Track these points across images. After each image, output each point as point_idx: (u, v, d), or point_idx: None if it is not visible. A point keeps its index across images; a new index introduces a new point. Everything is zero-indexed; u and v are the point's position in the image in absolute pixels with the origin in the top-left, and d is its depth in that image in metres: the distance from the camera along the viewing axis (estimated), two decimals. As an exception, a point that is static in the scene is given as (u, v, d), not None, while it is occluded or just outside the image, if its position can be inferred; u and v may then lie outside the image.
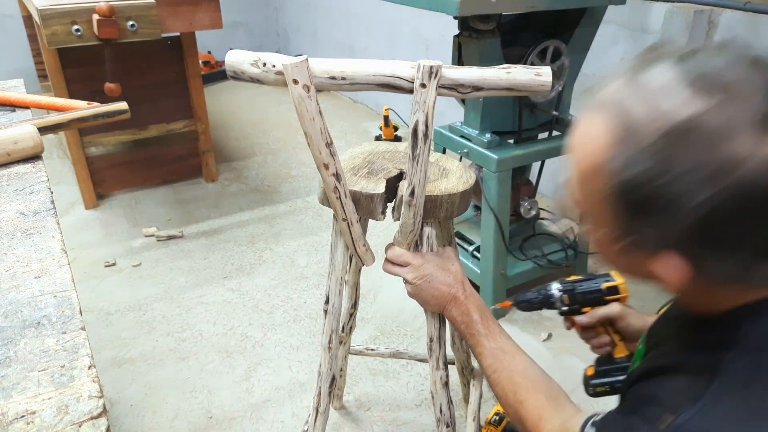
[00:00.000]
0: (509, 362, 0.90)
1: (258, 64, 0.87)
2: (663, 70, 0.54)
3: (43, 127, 1.08)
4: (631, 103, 0.54)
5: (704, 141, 0.50)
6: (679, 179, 0.51)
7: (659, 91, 0.53)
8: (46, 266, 0.74)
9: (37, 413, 0.54)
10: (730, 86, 0.50)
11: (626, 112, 0.54)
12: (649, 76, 0.54)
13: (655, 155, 0.52)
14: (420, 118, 0.87)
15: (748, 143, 0.49)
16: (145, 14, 2.12)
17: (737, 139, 0.49)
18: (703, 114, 0.50)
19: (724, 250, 0.55)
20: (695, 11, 1.98)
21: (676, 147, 0.51)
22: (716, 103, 0.50)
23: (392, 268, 1.03)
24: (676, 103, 0.51)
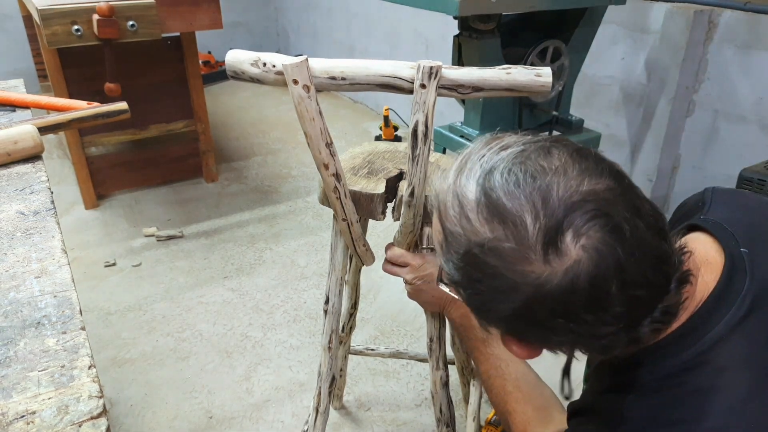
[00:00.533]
0: (504, 370, 0.91)
1: (258, 64, 0.87)
2: (469, 187, 0.59)
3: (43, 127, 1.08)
4: (450, 214, 0.60)
5: (498, 263, 0.56)
6: (487, 288, 0.59)
7: (464, 210, 0.59)
8: (46, 266, 0.74)
9: (37, 413, 0.54)
10: (512, 217, 0.55)
11: (446, 221, 0.61)
12: (461, 191, 0.60)
13: (465, 267, 0.60)
14: (420, 118, 0.87)
15: (538, 264, 0.55)
16: (145, 14, 2.12)
17: (528, 263, 0.55)
18: (491, 241, 0.56)
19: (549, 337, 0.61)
20: (695, 11, 1.99)
21: (478, 264, 0.58)
22: (502, 234, 0.56)
23: (392, 268, 1.03)
24: (473, 227, 0.58)
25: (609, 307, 0.56)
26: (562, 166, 0.56)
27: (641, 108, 2.28)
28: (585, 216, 0.54)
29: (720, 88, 2.05)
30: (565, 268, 0.54)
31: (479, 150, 0.62)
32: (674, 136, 2.20)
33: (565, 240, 0.54)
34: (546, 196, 0.55)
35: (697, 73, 2.09)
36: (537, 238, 0.54)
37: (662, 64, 2.13)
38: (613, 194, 0.55)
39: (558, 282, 0.54)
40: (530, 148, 0.59)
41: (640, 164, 2.32)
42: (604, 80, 2.43)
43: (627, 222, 0.55)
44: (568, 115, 2.05)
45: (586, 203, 0.54)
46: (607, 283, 0.54)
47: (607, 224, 0.54)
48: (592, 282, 0.54)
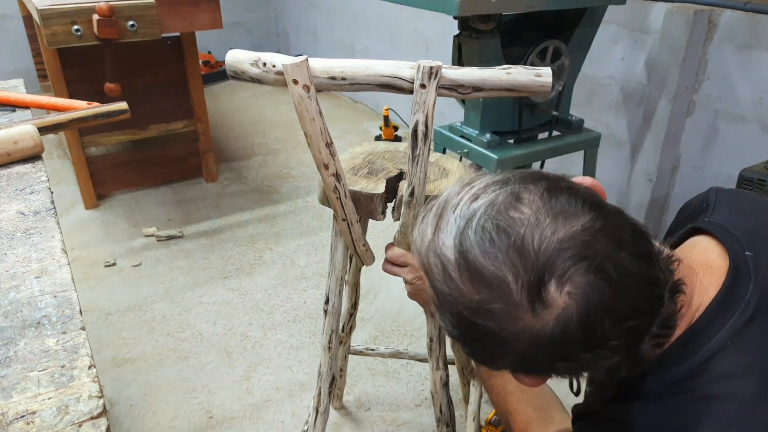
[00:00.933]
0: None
1: (258, 64, 0.87)
2: (448, 244, 0.59)
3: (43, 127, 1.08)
4: (434, 273, 0.60)
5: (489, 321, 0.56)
6: (483, 344, 0.60)
7: (447, 271, 0.58)
8: (46, 266, 0.74)
9: (37, 413, 0.54)
10: (493, 279, 0.55)
11: (433, 280, 0.61)
12: (441, 247, 0.59)
13: (458, 326, 0.60)
14: (420, 118, 0.87)
15: (527, 317, 0.55)
16: (145, 14, 2.12)
17: (518, 317, 0.55)
18: (478, 303, 0.56)
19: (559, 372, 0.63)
20: (695, 11, 1.99)
21: (470, 325, 0.58)
22: (486, 296, 0.56)
23: (392, 268, 1.03)
24: (458, 289, 0.58)
25: (605, 342, 0.56)
26: (534, 214, 0.56)
27: (641, 108, 2.28)
28: (565, 263, 0.54)
29: (720, 88, 2.05)
30: (555, 317, 0.54)
31: (453, 199, 0.61)
32: (674, 136, 2.20)
33: (549, 291, 0.54)
34: (522, 250, 0.54)
35: (697, 73, 2.09)
36: (522, 294, 0.54)
37: (662, 64, 2.13)
38: (589, 233, 0.55)
39: (551, 332, 0.55)
40: (500, 198, 0.58)
41: (640, 164, 2.32)
42: (604, 80, 2.42)
43: (609, 258, 0.55)
44: (568, 115, 2.05)
45: (563, 251, 0.54)
46: (599, 322, 0.55)
47: (589, 267, 0.54)
48: (583, 325, 0.55)
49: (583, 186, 0.61)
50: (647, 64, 2.24)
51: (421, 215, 0.65)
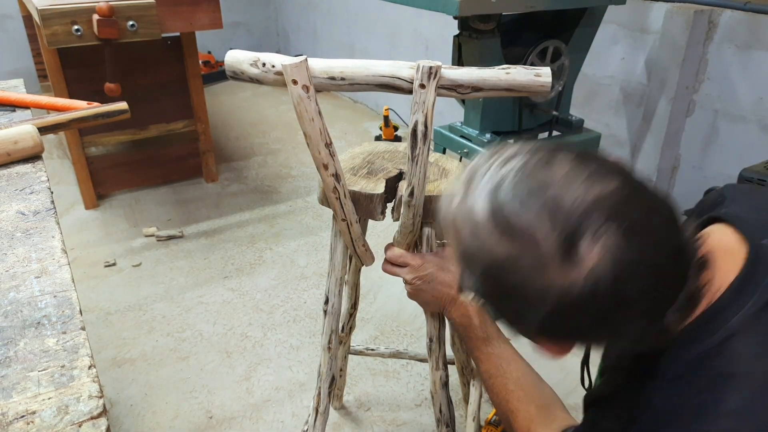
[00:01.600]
0: (505, 369, 0.90)
1: (257, 65, 0.87)
2: (479, 203, 0.59)
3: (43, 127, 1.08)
4: (464, 233, 0.61)
5: (520, 277, 0.57)
6: (512, 302, 0.60)
7: (477, 228, 0.59)
8: (46, 266, 0.74)
9: (37, 413, 0.54)
10: (525, 233, 0.56)
11: (462, 240, 0.61)
12: (471, 207, 0.60)
13: (486, 282, 0.61)
14: (419, 118, 0.87)
15: (559, 274, 0.55)
16: (145, 14, 2.12)
17: (549, 273, 0.55)
18: (510, 257, 0.57)
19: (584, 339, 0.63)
20: (695, 11, 1.99)
21: (500, 280, 0.59)
22: (518, 248, 0.56)
23: (392, 268, 1.03)
24: (488, 244, 0.58)
25: (633, 304, 0.57)
26: (567, 175, 0.57)
27: (641, 108, 2.28)
28: (597, 221, 0.54)
29: (720, 88, 2.05)
30: (585, 274, 0.54)
31: (483, 165, 0.62)
32: (674, 136, 2.20)
33: (581, 247, 0.54)
34: (556, 207, 0.55)
35: (697, 73, 2.09)
36: (553, 250, 0.55)
37: (662, 64, 2.13)
38: (621, 194, 0.56)
39: (580, 289, 0.55)
40: (532, 161, 0.59)
41: (640, 164, 2.32)
42: (604, 80, 2.43)
43: (640, 220, 0.55)
44: (568, 115, 2.05)
45: (596, 209, 0.54)
46: (628, 282, 0.55)
47: (620, 226, 0.54)
48: (613, 284, 0.55)
49: (611, 156, 0.62)
50: (647, 64, 2.24)
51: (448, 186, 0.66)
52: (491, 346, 0.93)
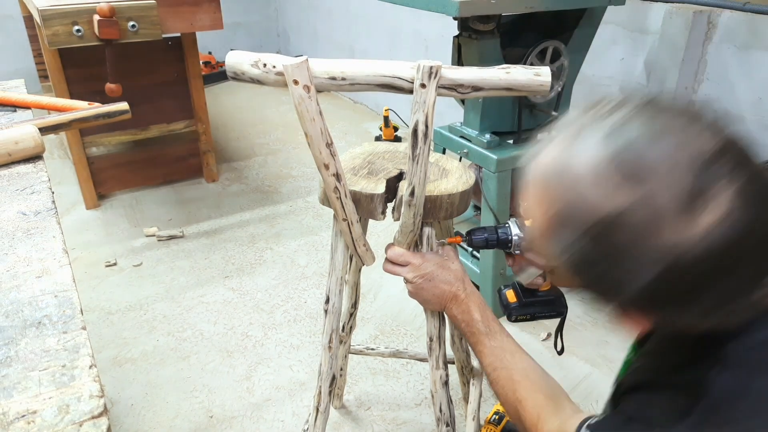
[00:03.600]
0: (509, 361, 0.90)
1: (258, 65, 0.87)
2: (591, 148, 0.54)
3: (44, 128, 1.08)
4: (568, 184, 0.55)
5: (633, 233, 0.52)
6: (617, 265, 0.54)
7: (587, 178, 0.54)
8: (47, 266, 0.75)
9: (38, 413, 0.54)
10: (653, 171, 0.51)
11: (563, 193, 0.56)
12: (579, 154, 0.55)
13: (590, 243, 0.55)
14: (420, 118, 0.87)
15: (676, 229, 0.51)
16: (145, 15, 2.12)
17: (666, 228, 0.51)
18: (628, 208, 0.52)
19: (677, 309, 0.57)
20: (695, 11, 1.99)
21: (608, 237, 0.53)
22: (641, 195, 0.51)
23: (392, 267, 1.03)
24: (603, 194, 0.52)
25: (743, 267, 0.53)
26: (687, 121, 0.53)
27: (641, 108, 2.28)
28: (725, 168, 0.51)
29: (719, 88, 2.05)
30: (704, 229, 0.51)
31: (584, 116, 0.57)
32: (674, 136, 2.20)
33: (707, 196, 0.51)
34: (685, 150, 0.51)
35: (696, 73, 2.09)
36: (683, 196, 0.51)
37: (662, 64, 2.13)
38: (742, 146, 0.53)
39: (697, 245, 0.51)
40: (647, 107, 0.55)
41: (640, 164, 2.32)
42: (604, 80, 2.43)
43: (756, 178, 0.53)
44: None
45: (723, 155, 0.51)
46: (752, 235, 0.52)
47: (745, 174, 0.51)
48: (734, 238, 0.51)
49: None
50: (647, 65, 2.24)
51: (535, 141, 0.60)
52: (494, 339, 0.93)
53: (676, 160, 0.51)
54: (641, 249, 0.52)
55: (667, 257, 0.52)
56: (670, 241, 0.51)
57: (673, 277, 0.53)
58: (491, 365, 0.92)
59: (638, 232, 0.52)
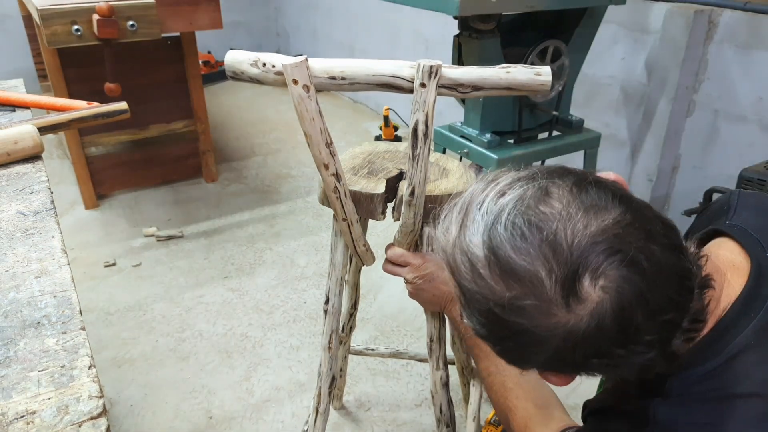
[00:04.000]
0: (504, 367, 0.90)
1: (257, 65, 0.87)
2: (476, 241, 0.58)
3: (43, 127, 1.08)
4: (462, 271, 0.59)
5: (522, 317, 0.56)
6: (516, 342, 0.58)
7: (476, 269, 0.57)
8: (46, 266, 0.74)
9: (37, 413, 0.53)
10: (526, 274, 0.54)
11: (460, 279, 0.60)
12: (469, 245, 0.58)
13: (488, 325, 0.59)
14: (420, 117, 0.87)
15: (561, 312, 0.54)
16: (144, 14, 2.12)
17: (551, 312, 0.54)
18: (511, 298, 0.55)
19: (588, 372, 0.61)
20: (695, 11, 1.98)
21: (501, 323, 0.57)
22: (519, 290, 0.55)
23: (392, 268, 1.03)
24: (488, 286, 0.57)
25: (639, 337, 0.56)
26: (565, 208, 0.55)
27: (641, 108, 2.28)
28: (599, 257, 0.53)
29: (720, 88, 2.05)
30: (589, 312, 0.54)
31: (479, 196, 0.60)
32: (674, 136, 2.20)
33: (583, 285, 0.53)
34: (555, 245, 0.54)
35: (697, 73, 2.09)
36: (555, 290, 0.54)
37: (662, 64, 2.12)
38: (621, 226, 0.55)
39: (585, 327, 0.54)
40: (528, 193, 0.57)
41: (640, 164, 2.32)
42: (604, 80, 2.42)
43: (641, 251, 0.54)
44: (568, 115, 2.05)
45: (597, 244, 0.53)
46: (633, 316, 0.54)
47: (622, 260, 0.53)
48: (618, 319, 0.54)
49: (609, 180, 0.61)
50: (647, 64, 2.24)
51: (444, 213, 0.64)
52: None
53: (549, 255, 0.54)
54: (534, 331, 0.56)
55: (558, 338, 0.55)
56: (560, 323, 0.55)
57: (571, 351, 0.56)
58: (486, 369, 0.92)
59: (527, 317, 0.55)
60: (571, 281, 0.53)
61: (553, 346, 0.56)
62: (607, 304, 0.53)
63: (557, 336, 0.55)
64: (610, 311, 0.53)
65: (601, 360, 0.58)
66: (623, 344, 0.56)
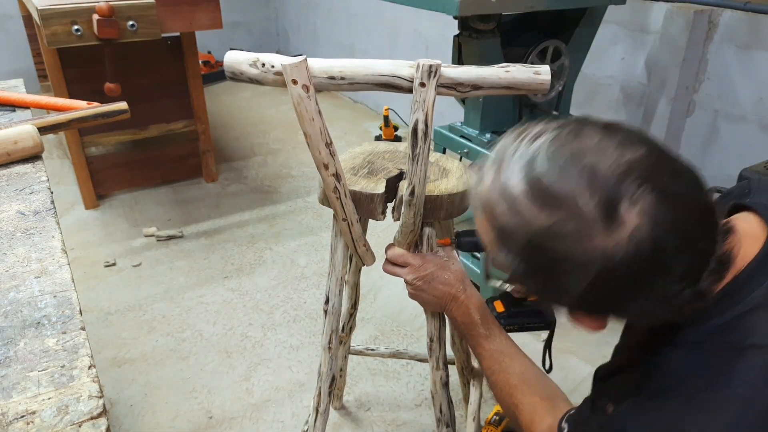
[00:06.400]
0: (508, 364, 0.90)
1: (257, 65, 0.87)
2: (511, 180, 0.61)
3: (43, 127, 1.08)
4: (499, 211, 0.62)
5: (561, 246, 0.58)
6: (554, 274, 0.61)
7: (515, 203, 0.61)
8: (46, 266, 0.74)
9: (37, 413, 0.54)
10: (567, 199, 0.58)
11: (497, 219, 0.63)
12: (507, 182, 0.62)
13: (528, 258, 0.62)
14: (420, 117, 0.87)
15: (600, 238, 0.57)
16: (144, 14, 2.12)
17: (590, 239, 0.57)
18: (550, 227, 0.58)
19: (620, 309, 0.64)
20: (695, 11, 1.98)
21: (540, 252, 0.60)
22: (558, 217, 0.58)
23: (392, 268, 1.03)
24: (529, 217, 0.60)
25: (673, 266, 0.58)
26: (599, 143, 0.59)
27: (641, 108, 2.28)
28: (634, 185, 0.56)
29: (720, 88, 2.05)
30: (627, 236, 0.56)
31: (511, 145, 0.64)
32: (674, 136, 2.20)
33: (621, 210, 0.56)
34: (593, 173, 0.57)
35: (697, 73, 2.09)
36: (596, 213, 0.56)
37: (662, 64, 2.12)
38: (651, 160, 0.58)
39: (623, 252, 0.56)
40: (562, 134, 0.61)
41: (640, 164, 2.32)
42: (604, 80, 2.42)
43: (670, 183, 0.58)
44: (568, 115, 2.05)
45: (631, 173, 0.57)
46: (669, 241, 0.57)
47: (654, 188, 0.57)
48: (655, 244, 0.56)
49: None
50: (647, 64, 2.24)
51: (473, 170, 0.67)
52: (493, 342, 0.94)
53: (588, 181, 0.57)
54: (572, 259, 0.58)
55: (597, 263, 0.58)
56: (598, 249, 0.57)
57: (607, 280, 0.58)
58: (490, 368, 0.92)
59: (568, 244, 0.58)
60: (610, 205, 0.56)
61: (591, 274, 0.58)
62: (644, 229, 0.56)
63: (596, 261, 0.57)
64: (647, 236, 0.56)
65: (637, 290, 0.59)
66: (658, 272, 0.58)
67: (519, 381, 0.88)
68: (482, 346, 0.94)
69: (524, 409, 0.85)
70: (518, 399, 0.87)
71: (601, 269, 0.57)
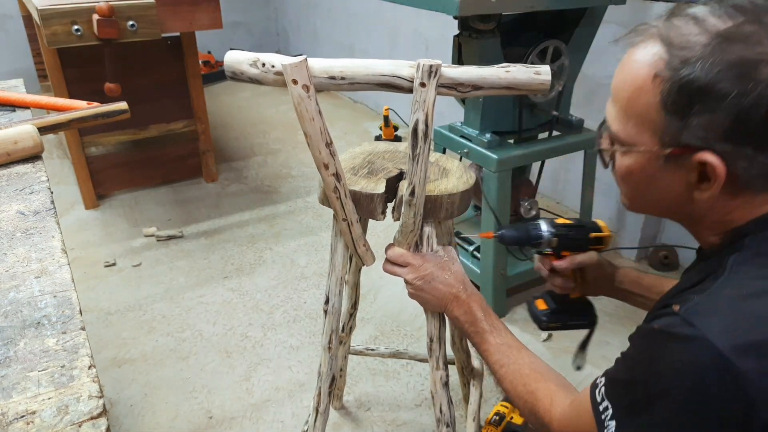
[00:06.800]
0: (516, 356, 0.90)
1: (257, 65, 0.87)
2: (692, 10, 0.66)
3: (43, 127, 1.08)
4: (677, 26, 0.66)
5: (741, 44, 0.62)
6: (721, 76, 0.62)
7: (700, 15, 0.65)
8: (46, 266, 0.74)
9: (37, 413, 0.53)
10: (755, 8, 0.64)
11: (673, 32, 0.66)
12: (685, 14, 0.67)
13: (701, 58, 0.63)
14: (420, 117, 0.87)
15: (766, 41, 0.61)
16: (144, 14, 2.12)
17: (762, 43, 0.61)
18: (738, 26, 0.63)
19: (755, 148, 0.64)
20: (695, 11, 1.98)
21: (718, 50, 0.63)
22: (745, 18, 0.63)
23: (392, 268, 1.03)
24: (715, 21, 0.64)
25: None
26: None
27: (641, 108, 2.28)
28: None
29: (720, 87, 2.05)
30: None
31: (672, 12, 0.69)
32: (674, 135, 2.20)
33: None
34: None
35: (697, 72, 2.09)
36: None
37: (662, 63, 2.12)
38: None
39: None
40: None
41: (640, 164, 2.32)
42: (604, 80, 2.42)
43: None
44: (569, 115, 2.05)
45: None
46: None
47: None
48: None
49: None
50: (647, 64, 2.24)
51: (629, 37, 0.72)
52: (499, 336, 0.94)
53: None
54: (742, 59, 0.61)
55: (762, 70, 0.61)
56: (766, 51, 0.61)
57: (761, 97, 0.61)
58: (498, 362, 0.92)
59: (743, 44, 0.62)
60: None
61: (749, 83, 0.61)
62: None
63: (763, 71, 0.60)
64: None
65: None
66: None
67: (530, 370, 0.88)
68: (488, 341, 0.94)
69: (542, 394, 0.84)
70: (534, 386, 0.86)
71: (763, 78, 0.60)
